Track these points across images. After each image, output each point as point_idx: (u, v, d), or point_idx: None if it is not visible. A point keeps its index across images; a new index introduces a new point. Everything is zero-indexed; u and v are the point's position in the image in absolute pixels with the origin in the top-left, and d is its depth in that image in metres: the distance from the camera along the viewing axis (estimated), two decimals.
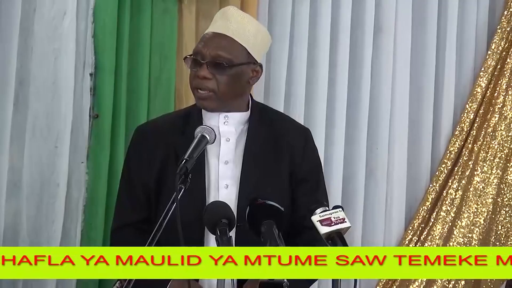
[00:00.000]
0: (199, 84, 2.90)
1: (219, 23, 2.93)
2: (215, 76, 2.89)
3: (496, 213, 4.83)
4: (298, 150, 3.00)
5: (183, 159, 2.60)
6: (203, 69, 2.88)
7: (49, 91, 3.87)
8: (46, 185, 3.87)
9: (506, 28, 4.87)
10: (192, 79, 2.93)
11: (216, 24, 2.94)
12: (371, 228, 4.70)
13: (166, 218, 2.50)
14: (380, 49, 4.67)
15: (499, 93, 4.86)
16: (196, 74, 2.90)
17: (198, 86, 2.90)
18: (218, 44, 2.89)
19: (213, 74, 2.89)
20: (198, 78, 2.89)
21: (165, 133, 2.98)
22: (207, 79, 2.88)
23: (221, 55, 2.88)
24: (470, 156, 4.83)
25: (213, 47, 2.88)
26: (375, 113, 4.68)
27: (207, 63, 2.88)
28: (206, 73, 2.88)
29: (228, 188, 2.93)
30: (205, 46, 2.90)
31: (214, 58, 2.88)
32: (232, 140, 2.96)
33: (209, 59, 2.88)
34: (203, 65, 2.88)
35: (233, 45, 2.91)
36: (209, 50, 2.88)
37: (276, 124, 3.04)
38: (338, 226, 2.43)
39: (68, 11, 3.87)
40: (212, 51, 2.88)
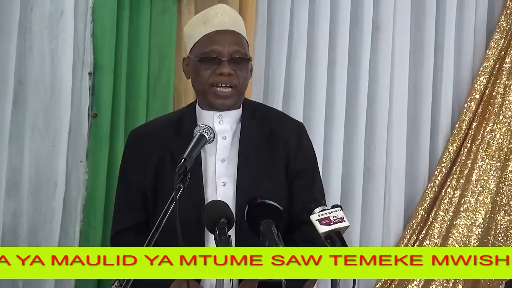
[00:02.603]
0: (223, 81, 2.90)
1: (219, 19, 2.93)
2: (236, 71, 2.91)
3: (495, 213, 4.83)
4: (292, 145, 3.01)
5: (182, 158, 2.60)
6: (224, 66, 2.89)
7: (47, 90, 3.87)
8: (44, 184, 3.87)
9: (505, 28, 4.87)
10: (207, 78, 2.91)
11: (217, 21, 2.93)
12: (370, 227, 4.70)
13: (165, 217, 2.50)
14: (378, 48, 4.67)
15: (497, 92, 4.86)
16: (217, 72, 2.89)
17: (222, 83, 2.90)
18: (233, 40, 2.91)
19: (234, 70, 2.90)
20: (220, 75, 2.89)
21: (160, 135, 2.98)
22: (231, 75, 2.90)
23: (239, 50, 2.91)
24: (469, 156, 4.84)
25: (230, 44, 2.90)
26: (374, 112, 4.68)
27: (228, 60, 2.89)
28: (229, 70, 2.89)
29: (225, 186, 2.93)
30: (220, 44, 2.90)
31: (233, 54, 2.90)
32: (228, 138, 2.96)
33: (228, 55, 2.89)
34: (224, 62, 2.89)
35: (243, 40, 2.95)
36: (226, 47, 2.89)
37: (270, 120, 3.04)
38: (337, 225, 2.42)
39: (66, 10, 3.87)
40: (229, 47, 2.90)
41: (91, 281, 3.96)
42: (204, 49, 2.91)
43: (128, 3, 3.99)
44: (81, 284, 3.95)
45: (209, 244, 2.83)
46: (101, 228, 3.92)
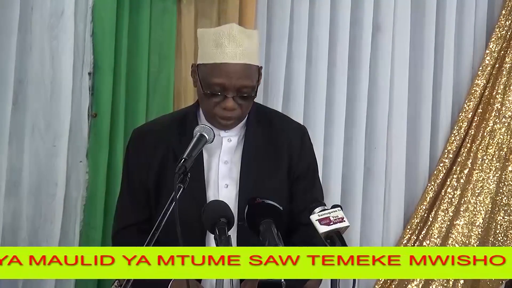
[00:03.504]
0: (226, 115, 2.88)
1: (230, 50, 2.85)
2: (240, 105, 2.88)
3: (494, 212, 4.83)
4: (295, 148, 3.02)
5: (182, 158, 2.60)
6: (229, 101, 2.85)
7: (47, 90, 3.87)
8: (44, 184, 3.87)
9: (504, 27, 4.87)
10: (212, 108, 2.89)
11: (227, 51, 2.85)
12: (370, 227, 4.70)
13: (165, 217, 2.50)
14: (378, 48, 4.67)
15: (497, 92, 4.86)
16: (221, 106, 2.87)
17: (225, 117, 2.89)
18: (241, 75, 2.85)
19: (238, 104, 2.88)
20: (224, 109, 2.87)
21: (163, 134, 2.99)
22: (234, 110, 2.88)
23: (246, 85, 2.86)
24: (469, 155, 4.83)
25: (236, 79, 2.84)
26: (374, 112, 4.68)
27: (233, 97, 2.86)
28: (233, 105, 2.86)
29: (228, 188, 2.93)
30: (227, 78, 2.84)
31: (240, 90, 2.86)
32: (233, 141, 2.97)
33: (234, 92, 2.85)
34: (229, 98, 2.86)
35: (251, 70, 2.88)
36: (233, 83, 2.84)
37: (273, 123, 3.05)
38: (337, 225, 2.42)
39: (66, 10, 3.87)
40: (236, 83, 2.84)
41: (91, 281, 3.97)
42: (211, 80, 2.86)
43: (128, 3, 3.99)
44: (81, 284, 3.95)
45: (210, 244, 2.83)
46: (101, 228, 3.93)
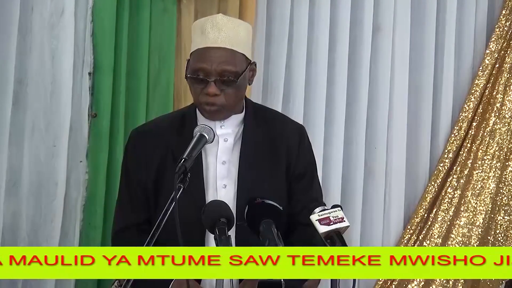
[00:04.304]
0: (209, 101, 2.89)
1: (212, 35, 2.88)
2: (224, 91, 2.88)
3: (495, 212, 4.83)
4: (293, 148, 3.02)
5: (182, 158, 2.60)
6: (211, 86, 2.86)
7: (47, 90, 3.87)
8: (44, 184, 3.87)
9: (504, 27, 4.87)
10: (198, 95, 2.91)
11: (210, 37, 2.89)
12: (370, 227, 4.70)
13: (165, 217, 2.50)
14: (378, 49, 4.67)
15: (497, 92, 4.86)
16: (204, 92, 2.88)
17: (208, 103, 2.89)
18: (222, 59, 2.86)
19: (221, 90, 2.88)
20: (207, 95, 2.88)
21: (162, 134, 2.99)
22: (217, 96, 2.88)
23: (227, 70, 2.87)
24: (469, 155, 4.83)
25: (217, 63, 2.85)
26: (374, 112, 4.68)
27: (214, 81, 2.86)
28: (215, 90, 2.86)
29: (226, 188, 2.93)
30: (208, 62, 2.86)
31: (221, 74, 2.86)
32: (230, 140, 2.97)
33: (216, 76, 2.86)
34: (210, 83, 2.86)
35: (235, 56, 2.89)
36: (214, 66, 2.85)
37: (271, 123, 3.05)
38: (337, 225, 2.43)
39: (66, 10, 3.87)
40: (217, 67, 2.85)
41: (91, 281, 3.97)
42: (194, 66, 2.89)
43: (128, 3, 3.99)
44: (81, 284, 3.95)
45: (210, 244, 2.83)
46: (101, 228, 3.92)
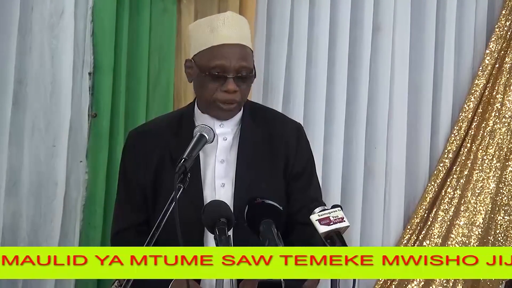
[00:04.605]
0: (228, 98, 2.88)
1: (227, 32, 2.88)
2: (240, 87, 2.89)
3: (495, 212, 4.83)
4: (291, 146, 3.02)
5: (182, 158, 2.60)
6: (230, 83, 2.86)
7: (47, 90, 3.87)
8: (44, 184, 3.87)
9: (504, 27, 4.87)
10: (213, 93, 2.89)
11: (225, 33, 2.88)
12: (370, 227, 4.70)
13: (165, 217, 2.50)
14: (378, 48, 4.67)
15: (497, 92, 4.86)
16: (222, 89, 2.87)
17: (227, 100, 2.89)
18: (240, 55, 2.87)
19: (238, 86, 2.88)
20: (225, 92, 2.87)
21: (159, 135, 2.99)
22: (235, 92, 2.88)
23: (244, 66, 2.88)
24: (469, 155, 4.83)
25: (236, 60, 2.86)
26: (374, 112, 4.68)
27: (234, 78, 2.87)
28: (235, 87, 2.87)
29: (224, 187, 2.93)
30: (226, 59, 2.86)
31: (239, 71, 2.87)
32: (228, 139, 2.97)
33: (234, 73, 2.86)
34: (230, 80, 2.86)
35: (248, 53, 2.91)
36: (232, 64, 2.86)
37: (269, 121, 3.05)
38: (337, 225, 2.42)
39: (66, 10, 3.87)
40: (236, 63, 2.86)
41: (91, 281, 3.97)
42: (210, 63, 2.87)
43: (128, 3, 3.99)
44: (81, 284, 3.95)
45: (208, 244, 2.83)
46: (101, 228, 3.92)
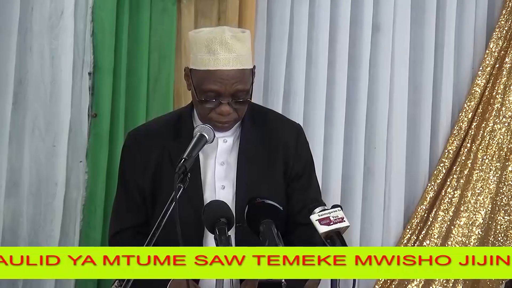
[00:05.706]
0: (222, 119, 2.88)
1: (222, 56, 2.84)
2: (236, 108, 2.88)
3: (494, 213, 4.83)
4: (291, 147, 3.02)
5: (182, 158, 2.60)
6: (224, 106, 2.86)
7: (47, 90, 3.87)
8: (44, 184, 3.87)
9: (504, 27, 4.87)
10: (207, 114, 2.88)
11: (220, 58, 2.84)
12: (370, 227, 4.70)
13: (164, 217, 2.50)
14: (378, 48, 4.67)
15: (497, 92, 4.86)
16: (217, 112, 2.86)
17: (221, 121, 2.88)
18: (235, 81, 2.84)
19: (234, 108, 2.88)
20: (219, 114, 2.87)
21: (158, 136, 2.98)
22: (229, 114, 2.88)
23: (240, 90, 2.86)
24: (469, 155, 4.83)
25: (230, 85, 2.84)
26: (374, 112, 4.68)
27: (229, 102, 2.86)
28: (229, 110, 2.87)
29: (224, 189, 2.93)
30: (221, 85, 2.84)
31: (235, 95, 2.86)
32: (229, 141, 2.97)
33: (229, 97, 2.85)
34: (224, 104, 2.86)
35: (245, 75, 2.88)
36: (227, 89, 2.84)
37: (268, 123, 3.05)
38: (337, 225, 2.43)
39: (66, 10, 3.87)
40: (230, 89, 2.84)
41: (91, 281, 3.97)
42: (204, 86, 2.85)
43: (128, 3, 3.99)
44: (81, 284, 3.95)
45: (208, 245, 2.83)
46: (101, 228, 3.93)
